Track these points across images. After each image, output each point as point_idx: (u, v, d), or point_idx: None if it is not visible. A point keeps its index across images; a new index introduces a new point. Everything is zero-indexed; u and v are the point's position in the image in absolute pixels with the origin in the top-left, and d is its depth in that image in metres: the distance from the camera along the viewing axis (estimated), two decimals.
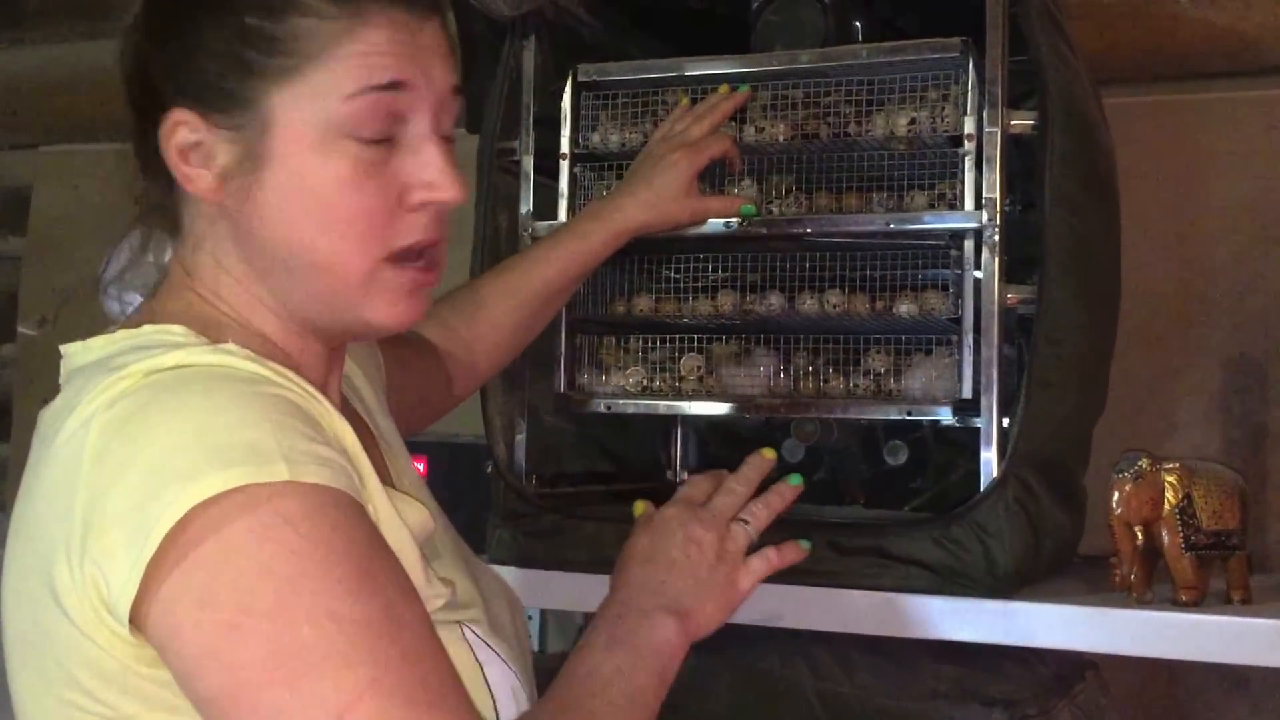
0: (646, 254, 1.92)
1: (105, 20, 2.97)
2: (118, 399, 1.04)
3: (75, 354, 1.16)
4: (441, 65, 1.20)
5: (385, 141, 1.16)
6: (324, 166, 1.14)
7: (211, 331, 1.14)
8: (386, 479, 1.23)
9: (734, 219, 1.82)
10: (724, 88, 1.84)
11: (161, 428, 1.02)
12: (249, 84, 1.13)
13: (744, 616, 1.76)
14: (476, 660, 1.17)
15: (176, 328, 1.13)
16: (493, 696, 1.17)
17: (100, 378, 1.06)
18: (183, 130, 1.15)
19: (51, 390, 1.16)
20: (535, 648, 2.44)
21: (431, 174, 1.17)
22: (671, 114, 1.84)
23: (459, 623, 1.18)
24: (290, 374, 1.10)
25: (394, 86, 1.15)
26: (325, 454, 1.05)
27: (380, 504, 1.13)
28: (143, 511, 0.99)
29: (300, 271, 1.16)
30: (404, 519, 1.16)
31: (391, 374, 1.48)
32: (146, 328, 1.14)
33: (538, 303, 1.72)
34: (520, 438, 1.92)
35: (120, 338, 1.14)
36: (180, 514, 0.98)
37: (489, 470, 1.90)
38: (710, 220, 1.84)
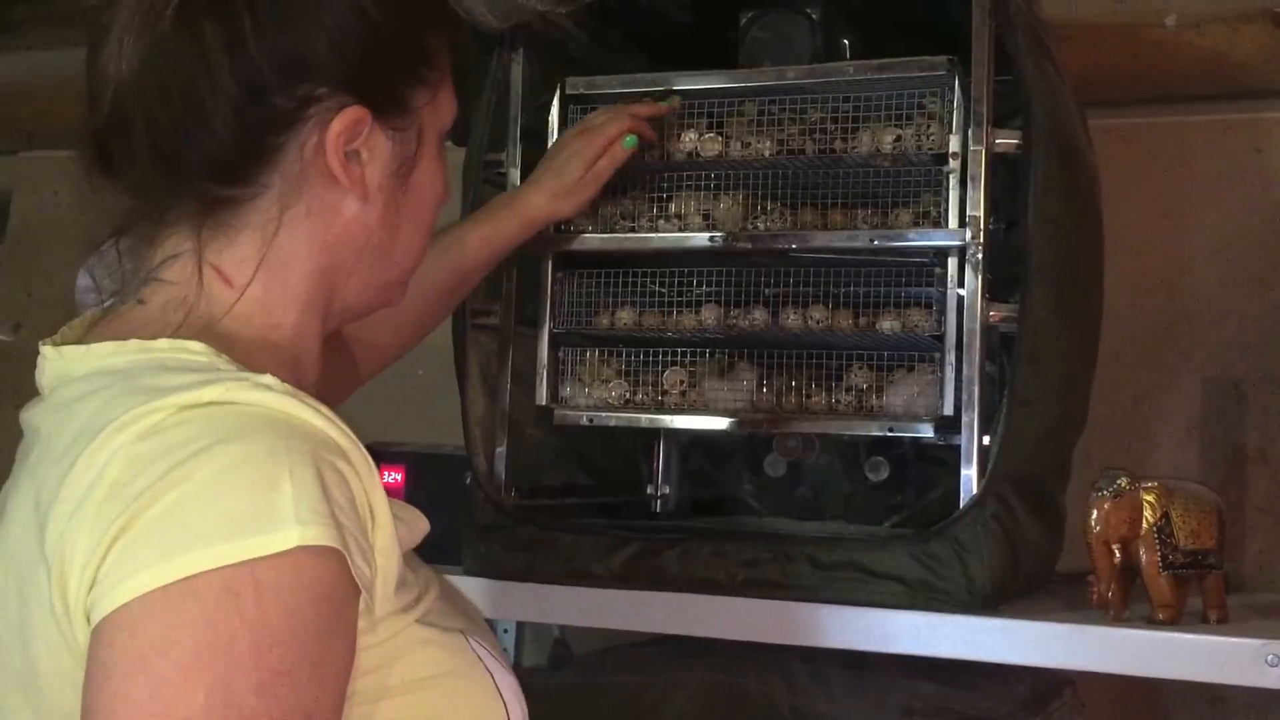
0: (630, 267, 1.92)
1: (78, 27, 2.97)
2: (149, 434, 1.00)
3: (73, 358, 1.12)
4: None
5: None
6: (439, 173, 1.24)
7: (225, 345, 1.11)
8: None
9: (718, 234, 1.83)
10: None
11: (186, 476, 0.97)
12: (416, 92, 1.19)
13: (720, 631, 1.77)
14: (486, 669, 1.16)
15: (195, 344, 1.09)
16: (505, 705, 1.16)
17: (127, 400, 1.02)
18: (353, 129, 1.15)
19: (31, 394, 1.15)
20: (511, 662, 2.44)
21: (446, 183, 1.26)
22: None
23: (462, 632, 1.16)
24: (324, 408, 1.06)
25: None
26: (340, 510, 1.00)
27: (383, 517, 1.08)
28: (143, 555, 0.95)
29: (382, 263, 1.22)
30: (410, 530, 1.13)
31: None
32: (163, 342, 1.09)
33: (444, 289, 1.73)
34: (500, 450, 1.91)
35: (132, 349, 1.09)
36: (174, 579, 0.94)
37: (468, 482, 1.90)
38: (694, 235, 1.85)
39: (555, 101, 1.92)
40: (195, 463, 0.97)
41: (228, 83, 1.10)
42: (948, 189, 1.76)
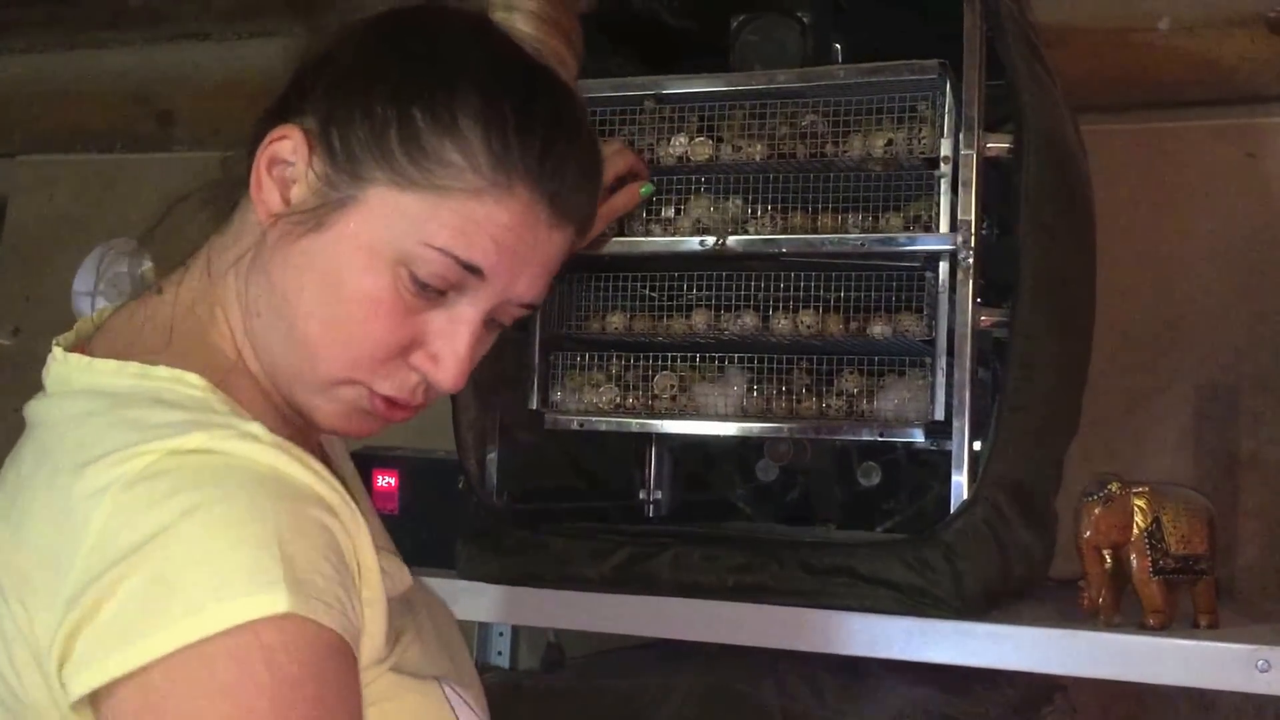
0: (620, 271, 1.91)
1: (83, 32, 2.97)
2: (137, 480, 0.98)
3: (77, 368, 1.12)
4: (536, 276, 1.16)
5: (435, 293, 1.12)
6: (365, 275, 1.10)
7: (221, 376, 1.10)
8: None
9: (708, 239, 1.83)
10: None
11: (173, 538, 0.96)
12: (369, 161, 1.10)
13: (712, 635, 1.77)
14: None
15: (194, 378, 1.08)
16: None
17: (115, 434, 1.02)
18: (286, 146, 1.12)
19: (28, 398, 1.15)
20: (506, 665, 2.44)
21: (445, 354, 1.14)
22: None
23: (437, 679, 1.15)
24: (310, 459, 1.04)
25: (473, 270, 1.12)
26: (328, 582, 0.99)
27: (370, 570, 1.08)
28: (133, 625, 0.94)
29: (283, 331, 1.13)
30: (393, 580, 1.13)
31: None
32: (162, 370, 1.08)
33: None
34: (492, 454, 1.91)
35: (133, 372, 1.09)
36: (169, 650, 0.93)
37: (460, 486, 1.90)
38: (684, 239, 1.85)
39: None
40: (182, 526, 0.96)
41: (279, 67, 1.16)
42: (939, 193, 1.76)
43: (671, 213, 1.89)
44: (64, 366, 1.14)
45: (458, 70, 1.12)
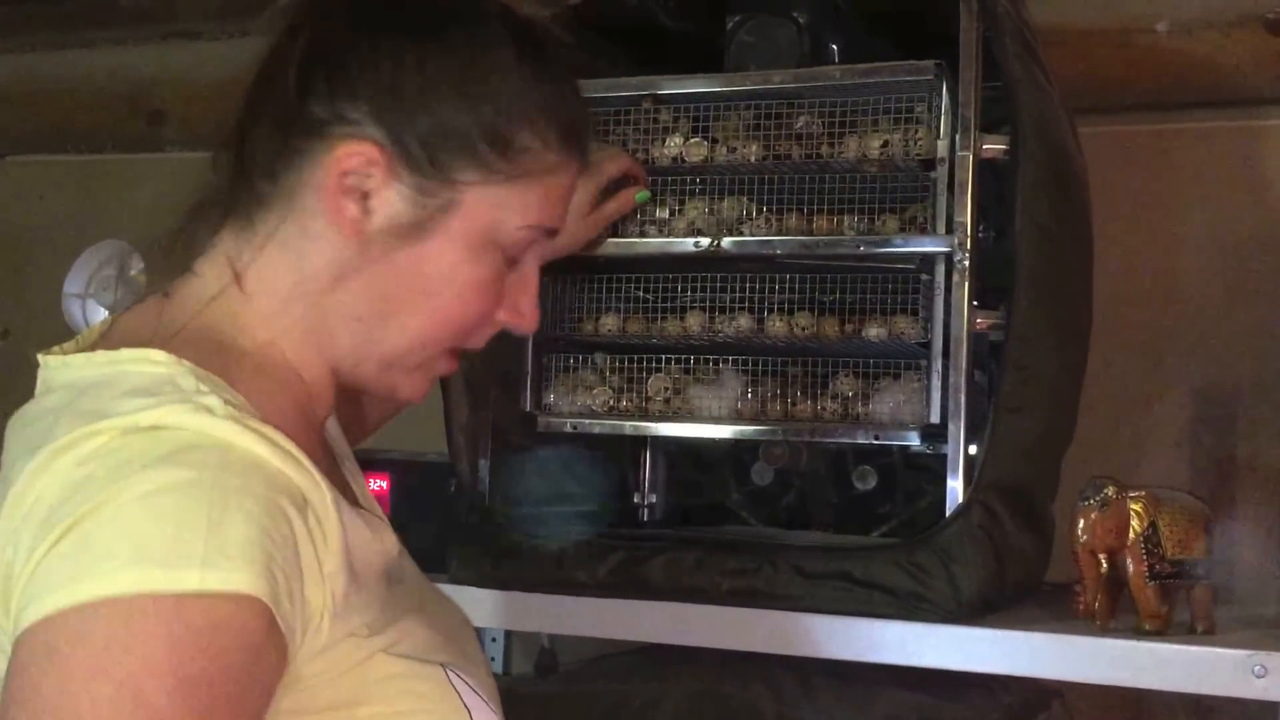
0: (615, 273, 1.91)
1: (73, 32, 2.96)
2: (88, 459, 0.99)
3: (54, 368, 1.12)
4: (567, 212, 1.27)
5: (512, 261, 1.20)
6: (472, 266, 1.16)
7: (216, 352, 1.10)
8: (353, 500, 1.20)
9: (703, 240, 1.82)
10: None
11: (109, 507, 0.96)
12: (459, 166, 1.14)
13: (706, 640, 1.76)
14: (465, 706, 1.13)
15: (157, 354, 1.07)
16: None
17: (71, 423, 1.02)
18: (360, 163, 1.12)
19: (16, 401, 1.14)
20: (500, 669, 2.43)
21: (526, 304, 1.23)
22: None
23: (442, 665, 1.14)
24: (269, 430, 1.04)
25: (551, 233, 1.22)
26: (261, 550, 0.98)
27: (354, 526, 1.09)
28: (56, 576, 0.96)
29: (373, 331, 1.16)
30: (381, 541, 1.14)
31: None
32: (126, 352, 1.08)
33: None
34: (484, 457, 1.90)
35: (100, 360, 1.09)
36: (81, 600, 0.94)
37: (452, 489, 1.89)
38: (679, 240, 1.84)
39: None
40: (117, 487, 0.97)
41: (292, 73, 1.12)
42: (935, 195, 1.76)
43: (666, 214, 1.89)
44: (45, 371, 1.14)
45: (503, 55, 1.16)
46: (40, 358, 1.15)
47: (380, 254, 1.14)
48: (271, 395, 1.12)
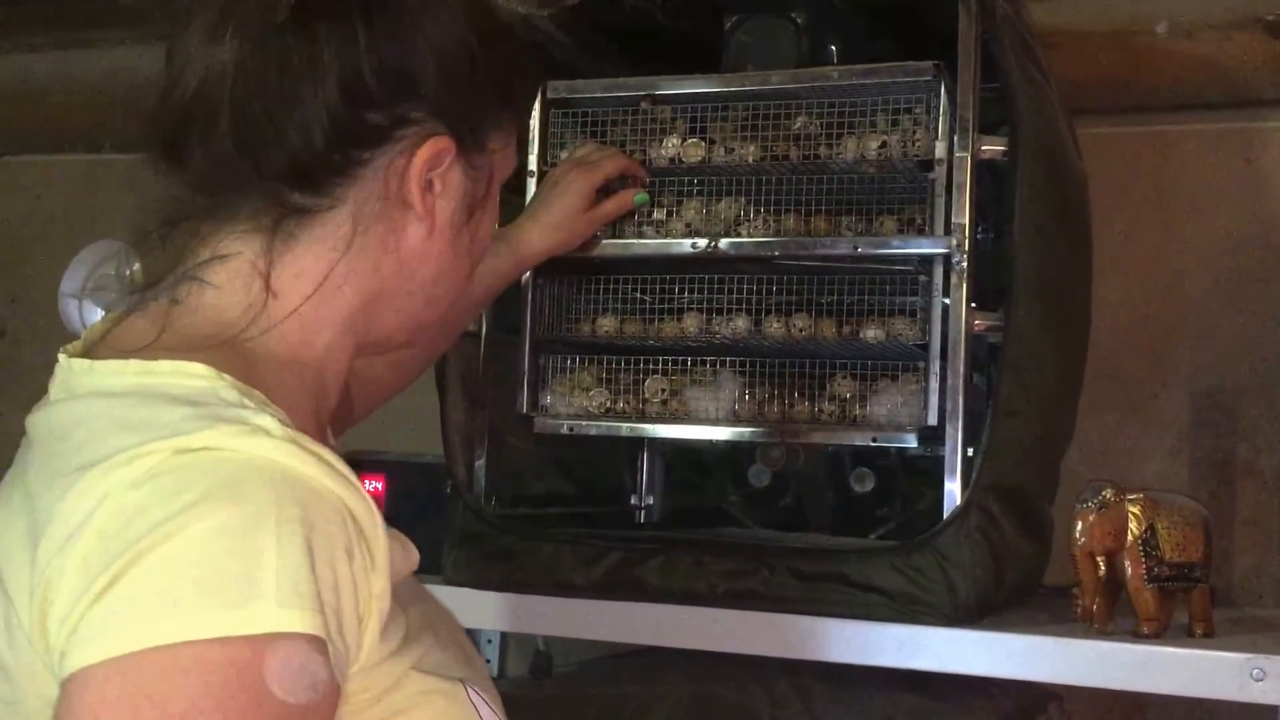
0: (611, 274, 1.90)
1: (72, 32, 2.95)
2: (142, 481, 0.96)
3: (79, 372, 1.09)
4: None
5: None
6: (494, 213, 1.24)
7: (248, 363, 1.08)
8: None
9: (700, 241, 1.82)
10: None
11: (174, 538, 0.93)
12: (495, 134, 1.19)
13: (702, 642, 1.75)
14: None
15: (197, 367, 1.04)
16: None
17: (118, 437, 0.99)
18: (439, 158, 1.14)
19: (12, 400, 1.12)
20: (495, 672, 2.42)
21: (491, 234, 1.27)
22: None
23: (461, 681, 1.12)
24: (325, 452, 1.02)
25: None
26: (324, 585, 0.97)
27: (392, 545, 1.06)
28: (121, 617, 0.93)
29: (425, 300, 1.19)
30: (409, 559, 1.11)
31: None
32: (163, 364, 1.05)
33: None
34: (480, 459, 1.90)
35: (135, 370, 1.06)
36: (150, 645, 0.92)
37: (448, 491, 1.88)
38: (676, 241, 1.84)
39: (537, 106, 1.89)
40: (182, 520, 0.94)
41: (331, 86, 1.08)
42: (933, 196, 1.75)
43: (664, 215, 1.88)
44: (68, 374, 1.11)
45: (493, 19, 1.19)
46: (61, 358, 1.12)
47: (453, 234, 1.17)
48: (299, 404, 1.11)
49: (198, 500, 0.94)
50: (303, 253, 1.12)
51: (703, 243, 1.82)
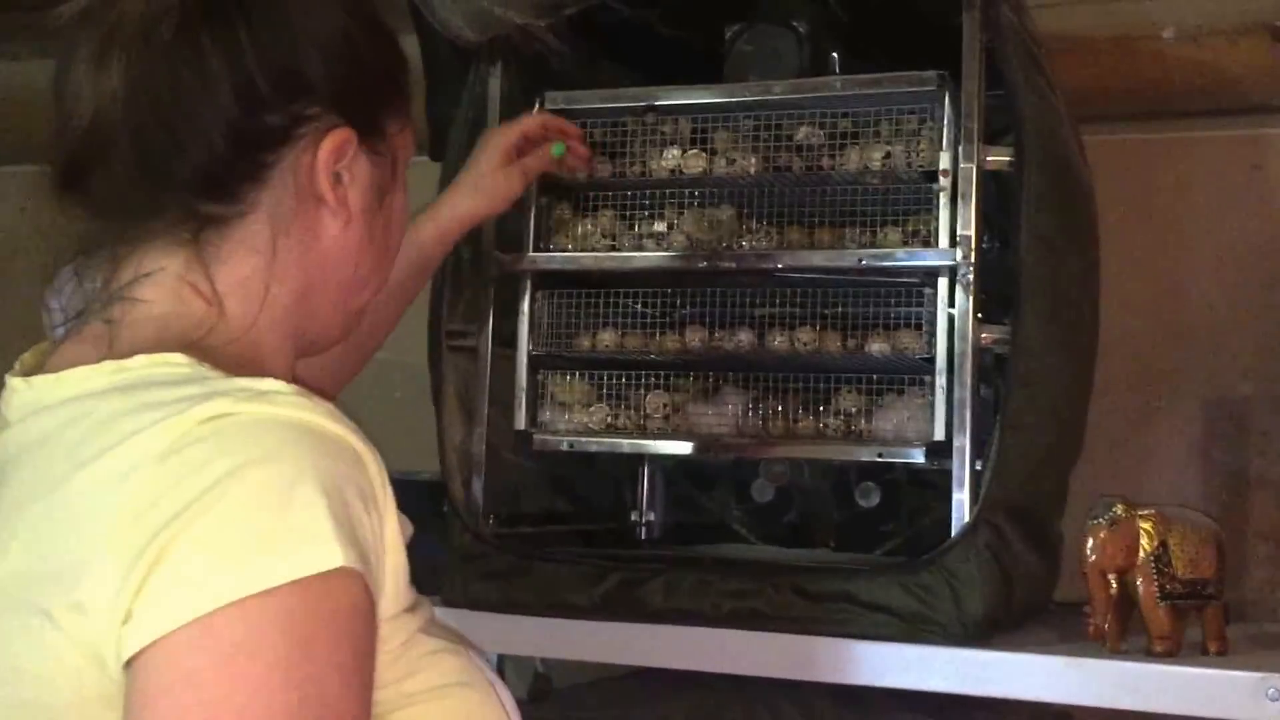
0: (611, 287, 1.88)
1: (57, 41, 2.93)
2: (169, 453, 0.97)
3: (44, 387, 1.08)
4: None
5: None
6: (406, 203, 1.23)
7: (209, 357, 1.08)
8: None
9: (702, 254, 1.79)
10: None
11: (220, 501, 0.95)
12: (388, 116, 1.19)
13: (705, 664, 1.73)
14: (489, 680, 1.14)
15: (175, 356, 1.06)
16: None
17: (136, 417, 0.99)
18: (342, 151, 1.14)
19: None
20: None
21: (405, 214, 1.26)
22: None
23: (462, 645, 1.15)
24: (326, 404, 1.04)
25: None
26: (359, 525, 1.00)
27: (391, 514, 1.07)
28: (190, 585, 0.94)
29: (352, 289, 1.20)
30: (404, 526, 1.11)
31: None
32: (139, 359, 1.06)
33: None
34: (478, 476, 1.87)
35: (108, 370, 1.06)
36: (227, 601, 0.93)
37: (445, 510, 1.86)
38: (677, 254, 1.83)
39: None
40: (225, 485, 0.95)
41: (225, 95, 1.09)
42: (938, 207, 1.74)
43: (664, 227, 1.86)
44: (25, 392, 1.10)
45: (363, 4, 1.20)
46: (14, 380, 1.11)
47: (367, 222, 1.17)
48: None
49: (235, 466, 0.96)
50: (231, 260, 1.13)
51: (704, 255, 1.81)
